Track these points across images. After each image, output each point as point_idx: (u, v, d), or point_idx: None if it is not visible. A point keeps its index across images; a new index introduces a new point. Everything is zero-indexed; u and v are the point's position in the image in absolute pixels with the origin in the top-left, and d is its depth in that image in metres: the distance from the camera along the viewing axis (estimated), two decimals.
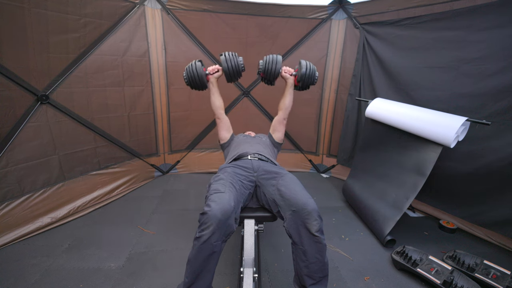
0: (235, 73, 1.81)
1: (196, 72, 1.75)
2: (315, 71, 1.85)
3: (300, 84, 1.88)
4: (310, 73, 1.82)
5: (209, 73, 1.85)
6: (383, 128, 2.36)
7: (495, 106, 1.91)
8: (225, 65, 1.77)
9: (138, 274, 1.66)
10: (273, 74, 1.83)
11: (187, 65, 1.82)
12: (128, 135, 2.76)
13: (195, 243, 1.18)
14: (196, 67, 1.76)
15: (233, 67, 1.78)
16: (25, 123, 1.94)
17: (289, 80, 1.91)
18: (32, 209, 1.99)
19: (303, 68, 1.80)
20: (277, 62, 1.81)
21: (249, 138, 2.00)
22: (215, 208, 1.18)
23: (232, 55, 1.80)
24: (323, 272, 1.29)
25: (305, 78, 1.83)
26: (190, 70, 1.77)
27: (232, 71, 1.79)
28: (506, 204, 1.89)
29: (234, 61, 1.78)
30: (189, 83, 1.81)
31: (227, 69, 1.77)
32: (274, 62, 1.81)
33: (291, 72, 1.91)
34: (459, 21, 2.08)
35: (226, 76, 1.84)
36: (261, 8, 2.88)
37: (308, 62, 1.85)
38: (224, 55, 1.80)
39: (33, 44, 1.92)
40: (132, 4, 2.55)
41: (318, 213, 1.27)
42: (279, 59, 1.83)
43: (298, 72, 1.86)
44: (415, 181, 1.96)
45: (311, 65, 1.85)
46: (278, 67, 1.82)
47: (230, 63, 1.77)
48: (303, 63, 1.83)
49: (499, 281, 1.56)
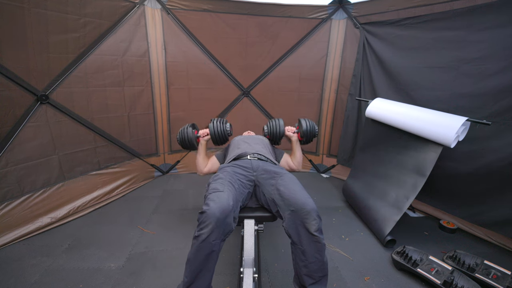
0: (221, 138, 1.98)
1: (187, 136, 1.94)
2: (314, 126, 1.99)
3: (304, 139, 2.01)
4: (310, 129, 1.97)
5: (199, 136, 2.01)
6: (383, 128, 2.36)
7: (495, 106, 1.90)
8: (212, 131, 1.95)
9: (138, 274, 1.66)
10: (278, 135, 2.02)
11: (181, 128, 2.00)
12: (128, 135, 2.76)
13: (194, 242, 1.18)
14: (187, 132, 1.94)
15: (219, 134, 1.95)
16: (25, 123, 1.94)
17: (293, 138, 2.03)
18: (32, 209, 1.99)
19: (303, 126, 1.96)
20: (280, 125, 2.01)
21: (249, 138, 2.01)
22: (214, 207, 1.18)
23: (219, 122, 1.97)
24: (323, 271, 1.28)
25: (307, 134, 1.97)
26: (183, 134, 1.95)
27: (218, 137, 1.96)
28: (506, 204, 1.89)
29: (221, 128, 1.95)
30: (180, 144, 1.99)
31: (214, 135, 1.95)
32: (277, 125, 2.01)
33: (293, 130, 2.05)
34: (459, 21, 2.08)
35: (213, 140, 1.99)
36: (261, 8, 2.88)
37: (307, 120, 2.00)
38: (212, 123, 1.96)
39: (33, 44, 1.92)
40: (132, 4, 2.55)
41: (317, 213, 1.27)
42: (281, 122, 2.03)
43: (300, 129, 2.02)
44: (415, 181, 1.96)
45: (309, 121, 2.00)
46: (282, 129, 2.01)
47: (216, 129, 1.94)
48: (303, 122, 1.98)
49: (499, 281, 1.55)
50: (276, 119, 2.05)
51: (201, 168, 1.97)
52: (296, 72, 3.17)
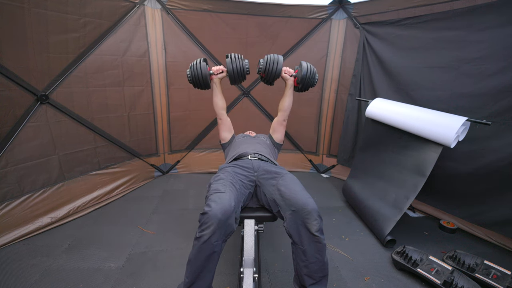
0: (239, 76, 1.79)
1: (201, 71, 1.72)
2: (315, 73, 1.83)
3: (300, 85, 1.87)
4: (310, 75, 1.80)
5: (213, 73, 1.82)
6: (383, 128, 2.36)
7: (495, 106, 1.90)
8: (230, 67, 1.75)
9: (138, 274, 1.66)
10: (273, 74, 1.80)
11: (192, 62, 1.78)
12: (128, 135, 2.76)
13: (195, 243, 1.18)
14: (201, 66, 1.73)
15: (238, 70, 1.76)
16: (25, 123, 1.94)
17: (289, 81, 1.89)
18: (32, 209, 1.99)
19: (303, 70, 1.77)
20: (279, 62, 1.78)
21: (249, 138, 2.00)
22: (216, 208, 1.18)
23: (237, 58, 1.77)
24: (323, 271, 1.28)
25: (305, 80, 1.80)
26: (194, 68, 1.74)
27: (236, 74, 1.77)
28: (506, 204, 1.89)
29: (239, 64, 1.75)
30: (192, 81, 1.77)
31: (232, 71, 1.75)
32: (276, 62, 1.77)
33: (291, 73, 1.88)
34: (459, 21, 2.08)
35: (230, 78, 1.82)
36: (261, 8, 2.88)
37: (309, 64, 1.83)
38: (230, 57, 1.77)
39: (33, 44, 1.91)
40: (132, 4, 2.55)
41: (318, 213, 1.27)
42: (280, 59, 1.79)
43: (299, 74, 1.83)
44: (415, 181, 1.96)
45: (311, 66, 1.82)
46: (280, 67, 1.79)
47: (235, 65, 1.74)
48: (304, 65, 1.80)
49: (499, 281, 1.55)
50: (275, 54, 1.81)
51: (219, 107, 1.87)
52: None
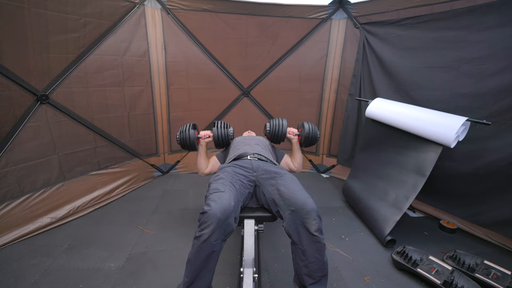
0: (224, 142, 1.97)
1: (189, 136, 1.90)
2: (316, 132, 1.97)
3: (304, 144, 2.00)
4: (312, 134, 1.95)
5: (200, 137, 1.98)
6: (383, 128, 2.36)
7: (495, 106, 1.90)
8: (215, 134, 1.94)
9: (138, 274, 1.66)
10: (279, 137, 1.98)
11: (182, 127, 1.96)
12: (128, 135, 2.76)
13: (194, 242, 1.18)
14: (189, 132, 1.91)
15: (222, 137, 1.94)
16: (24, 123, 1.94)
17: (294, 140, 2.02)
18: (32, 209, 1.99)
19: (306, 131, 1.94)
20: (283, 126, 1.96)
21: (249, 139, 2.01)
22: (215, 208, 1.18)
23: (223, 126, 1.96)
24: (323, 271, 1.28)
25: (308, 139, 1.96)
26: (184, 133, 1.92)
27: (221, 140, 1.95)
28: (506, 204, 1.89)
29: (224, 132, 1.94)
30: (180, 144, 1.94)
31: (217, 138, 1.94)
32: (280, 126, 1.95)
33: (295, 133, 2.03)
34: (459, 21, 2.08)
35: (215, 143, 1.98)
36: (261, 8, 2.88)
37: (310, 124, 1.98)
38: (216, 125, 1.95)
39: (33, 44, 1.92)
40: (132, 4, 2.55)
41: (317, 213, 1.27)
42: (284, 123, 1.97)
43: (301, 133, 1.99)
44: (415, 181, 1.96)
45: (313, 126, 1.98)
46: (284, 131, 1.96)
47: (219, 132, 1.93)
48: (306, 126, 1.96)
49: (499, 281, 1.55)
50: (280, 118, 2.00)
51: (202, 169, 1.96)
52: (296, 72, 3.17)
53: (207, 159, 2.00)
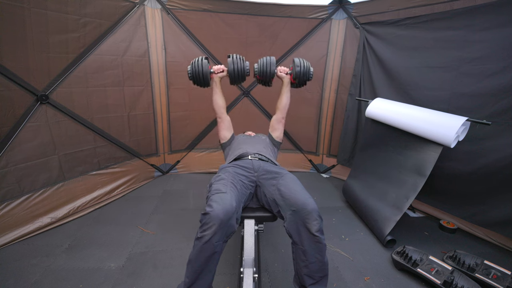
0: (240, 76, 1.83)
1: (202, 68, 1.75)
2: (309, 67, 1.87)
3: (296, 81, 1.91)
4: (304, 70, 1.85)
5: (213, 72, 1.86)
6: (383, 128, 2.36)
7: (495, 106, 1.90)
8: (231, 67, 1.79)
9: (138, 274, 1.66)
10: (269, 75, 1.86)
11: (193, 59, 1.81)
12: (128, 135, 2.76)
13: (196, 243, 1.18)
14: (202, 63, 1.76)
15: (238, 70, 1.80)
16: (24, 123, 1.94)
17: (285, 79, 1.94)
18: (32, 209, 1.99)
19: (297, 66, 1.84)
20: (271, 64, 1.84)
21: (249, 138, 2.00)
22: (217, 209, 1.18)
23: (239, 58, 1.82)
24: (323, 271, 1.29)
25: (300, 75, 1.86)
26: (196, 65, 1.76)
27: (236, 74, 1.81)
28: (506, 204, 1.89)
29: (240, 65, 1.80)
30: (192, 78, 1.80)
31: (232, 71, 1.80)
32: (269, 64, 1.84)
33: (286, 71, 1.94)
34: (459, 21, 2.08)
35: (230, 78, 1.86)
36: (261, 8, 2.88)
37: (302, 59, 1.89)
38: (231, 57, 1.81)
39: (33, 44, 1.91)
40: (132, 4, 2.55)
41: (318, 213, 1.27)
42: (272, 60, 1.85)
43: (293, 70, 1.89)
44: (415, 181, 1.96)
45: (304, 61, 1.88)
46: (273, 68, 1.86)
47: (236, 66, 1.79)
48: (297, 60, 1.87)
49: (499, 281, 1.55)
50: (268, 56, 1.87)
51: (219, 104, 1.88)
52: None
53: (222, 95, 1.91)
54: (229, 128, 1.98)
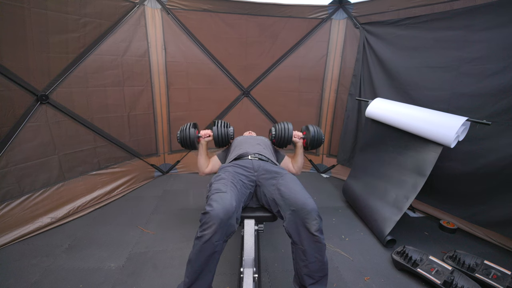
0: (223, 141, 1.98)
1: (189, 135, 1.91)
2: (322, 135, 1.98)
3: (309, 147, 2.01)
4: (318, 138, 1.96)
5: (201, 136, 1.98)
6: (383, 128, 2.36)
7: (495, 106, 1.90)
8: (215, 133, 1.95)
9: (138, 274, 1.66)
10: (285, 141, 1.96)
11: (182, 126, 1.96)
12: (128, 135, 2.76)
13: (196, 242, 1.18)
14: (189, 131, 1.91)
15: (222, 136, 1.95)
16: (24, 123, 1.94)
17: (299, 144, 2.00)
18: (32, 209, 1.99)
19: (311, 134, 1.95)
20: (289, 130, 1.95)
21: (250, 139, 2.01)
22: (217, 208, 1.18)
23: (223, 125, 1.97)
24: (323, 271, 1.29)
25: (314, 142, 1.97)
26: (184, 132, 1.92)
27: (221, 139, 1.96)
28: (506, 204, 1.89)
29: (223, 131, 1.96)
30: (180, 142, 1.94)
31: (217, 137, 1.95)
32: (286, 130, 1.94)
33: (300, 136, 2.02)
34: (459, 21, 2.08)
35: (215, 142, 1.99)
36: (261, 8, 2.88)
37: (315, 127, 2.00)
38: (216, 124, 1.97)
39: (33, 44, 1.91)
40: (132, 4, 2.55)
41: (317, 213, 1.27)
42: (290, 127, 1.96)
43: (307, 135, 2.00)
44: (415, 181, 1.96)
45: (318, 129, 1.99)
46: (291, 135, 1.95)
47: (220, 132, 1.94)
48: (311, 129, 1.98)
49: (499, 281, 1.55)
50: (285, 122, 1.99)
51: (202, 169, 1.95)
52: (296, 72, 3.17)
53: (208, 158, 1.99)
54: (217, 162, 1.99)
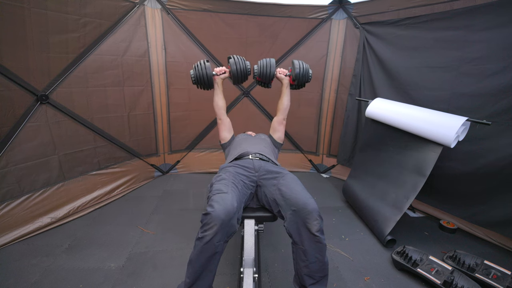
0: (242, 76, 1.88)
1: (206, 71, 1.80)
2: (308, 69, 1.91)
3: (295, 83, 1.95)
4: (303, 72, 1.90)
5: (216, 74, 1.90)
6: (383, 128, 2.36)
7: (495, 106, 1.90)
8: (234, 67, 1.84)
9: (138, 274, 1.66)
10: (268, 76, 1.91)
11: (195, 63, 1.85)
12: (128, 135, 2.76)
13: (197, 243, 1.18)
14: (206, 66, 1.81)
15: (241, 70, 1.85)
16: (24, 123, 1.94)
17: (285, 81, 1.97)
18: (32, 209, 1.99)
19: (296, 68, 1.89)
20: (271, 65, 1.89)
21: (250, 138, 2.00)
22: (219, 209, 1.18)
23: (240, 59, 1.87)
24: (323, 271, 1.28)
25: (299, 77, 1.90)
26: (199, 69, 1.81)
27: (239, 74, 1.86)
28: (506, 204, 1.89)
29: (242, 65, 1.85)
30: (196, 81, 1.85)
31: (235, 71, 1.84)
32: (268, 65, 1.89)
33: (286, 72, 1.98)
34: (459, 21, 2.08)
35: (234, 78, 1.90)
36: (261, 8, 2.88)
37: (301, 61, 1.93)
38: (233, 58, 1.86)
39: (33, 44, 1.91)
40: (132, 4, 2.55)
41: (318, 213, 1.27)
42: (272, 62, 1.90)
43: (292, 72, 1.94)
44: (415, 181, 1.96)
45: (303, 63, 1.92)
46: (273, 70, 1.91)
47: (238, 66, 1.84)
48: (296, 63, 1.91)
49: (499, 281, 1.55)
50: (268, 58, 1.93)
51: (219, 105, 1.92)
52: None
53: (223, 97, 1.95)
54: (230, 130, 2.00)
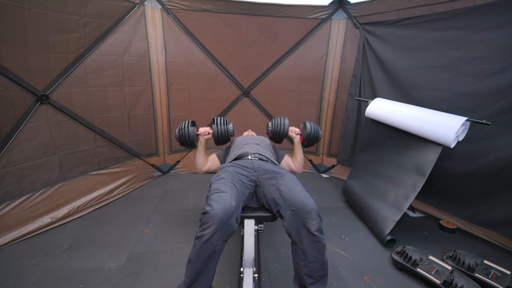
0: (224, 138, 1.95)
1: (188, 133, 1.87)
2: (318, 131, 1.98)
3: (306, 142, 2.00)
4: (314, 133, 1.96)
5: (200, 134, 1.96)
6: (383, 128, 2.36)
7: (495, 106, 1.90)
8: (215, 130, 1.92)
9: (138, 274, 1.66)
10: (281, 134, 1.99)
11: (180, 124, 1.93)
12: (128, 135, 2.76)
13: (196, 242, 1.18)
14: (189, 129, 1.88)
15: (222, 133, 1.92)
16: (25, 123, 1.94)
17: (296, 139, 2.01)
18: (32, 209, 1.99)
19: (308, 129, 1.96)
20: (284, 125, 1.98)
21: (250, 138, 2.01)
22: (217, 208, 1.18)
23: (222, 122, 1.94)
24: (323, 271, 1.29)
25: (310, 137, 1.97)
26: (182, 130, 1.89)
27: (221, 137, 1.93)
28: (506, 204, 1.89)
29: (223, 128, 1.92)
30: (179, 141, 1.92)
31: (217, 135, 1.92)
32: (282, 125, 1.98)
33: (297, 132, 2.03)
34: (459, 21, 2.08)
35: (215, 140, 1.96)
36: (261, 8, 2.88)
37: (312, 123, 2.00)
38: (215, 122, 1.93)
39: (33, 44, 1.92)
40: (132, 4, 2.55)
41: (317, 213, 1.27)
42: (286, 121, 2.00)
43: (304, 132, 2.00)
44: (415, 181, 1.96)
45: (314, 125, 1.99)
46: (286, 129, 1.98)
47: (220, 129, 1.91)
48: (308, 125, 1.98)
49: (499, 281, 1.55)
50: (282, 118, 2.03)
51: (200, 167, 1.95)
52: (296, 72, 3.17)
53: (206, 156, 1.98)
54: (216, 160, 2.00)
